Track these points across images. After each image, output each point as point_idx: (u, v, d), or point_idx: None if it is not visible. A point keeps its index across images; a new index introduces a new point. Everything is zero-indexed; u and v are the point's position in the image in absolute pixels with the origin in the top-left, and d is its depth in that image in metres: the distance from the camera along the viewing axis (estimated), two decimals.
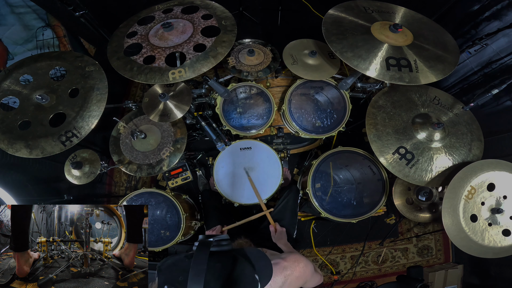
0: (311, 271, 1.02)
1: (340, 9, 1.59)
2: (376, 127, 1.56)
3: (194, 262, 0.67)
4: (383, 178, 1.72)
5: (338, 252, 2.49)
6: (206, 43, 1.49)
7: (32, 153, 1.41)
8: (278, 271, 0.93)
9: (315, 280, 1.10)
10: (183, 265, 0.74)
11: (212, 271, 0.70)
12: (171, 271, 0.75)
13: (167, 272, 0.75)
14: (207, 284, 0.66)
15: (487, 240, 1.37)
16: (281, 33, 2.90)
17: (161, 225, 1.78)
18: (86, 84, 1.49)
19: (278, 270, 0.93)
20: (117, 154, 1.78)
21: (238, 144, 1.83)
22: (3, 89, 1.50)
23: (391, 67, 1.38)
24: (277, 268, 0.93)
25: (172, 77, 1.43)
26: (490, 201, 1.40)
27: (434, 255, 2.54)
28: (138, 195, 1.77)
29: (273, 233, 1.45)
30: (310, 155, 2.36)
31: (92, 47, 2.42)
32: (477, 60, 2.05)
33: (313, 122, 1.83)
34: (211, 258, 0.71)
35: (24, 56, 1.63)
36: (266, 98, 1.84)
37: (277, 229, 1.45)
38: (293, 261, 0.98)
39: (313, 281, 1.09)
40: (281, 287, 0.92)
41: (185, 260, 0.76)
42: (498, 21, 1.86)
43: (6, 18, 1.95)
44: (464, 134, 1.56)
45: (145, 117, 1.81)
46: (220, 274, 0.71)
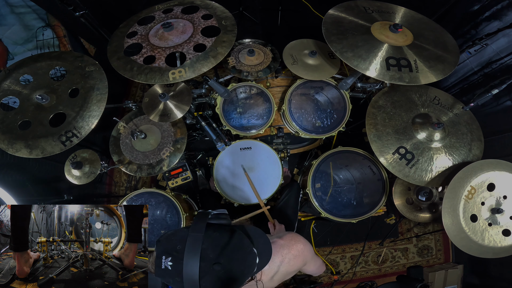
0: (310, 252, 1.00)
1: (340, 9, 1.59)
2: (376, 127, 1.56)
3: (192, 230, 0.68)
4: (383, 178, 1.72)
5: (338, 252, 2.49)
6: (206, 43, 1.50)
7: (32, 153, 1.41)
8: (275, 249, 0.92)
9: (316, 263, 1.08)
10: (181, 234, 0.73)
11: (210, 240, 0.70)
12: (169, 241, 0.74)
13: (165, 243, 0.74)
14: (204, 252, 0.66)
15: (487, 240, 1.38)
16: (281, 33, 2.90)
17: (161, 225, 1.78)
18: (86, 84, 1.49)
19: (275, 249, 0.92)
20: (117, 154, 1.78)
21: (238, 144, 1.83)
22: (3, 89, 1.50)
23: (391, 67, 1.38)
24: (274, 247, 0.92)
25: (172, 77, 1.43)
26: (490, 201, 1.40)
27: (434, 255, 2.54)
28: (138, 195, 1.77)
29: (272, 230, 1.45)
30: (310, 155, 2.36)
31: (92, 47, 2.42)
32: (477, 60, 2.05)
33: (313, 122, 1.83)
34: (209, 228, 0.71)
35: (24, 56, 1.63)
36: (266, 98, 1.84)
37: (276, 226, 1.45)
38: (290, 239, 0.97)
39: (314, 263, 1.06)
40: (279, 266, 0.92)
41: (184, 230, 0.74)
42: (498, 21, 1.86)
43: (6, 18, 1.94)
44: (464, 134, 1.56)
45: (145, 117, 1.81)
46: (218, 242, 0.71)
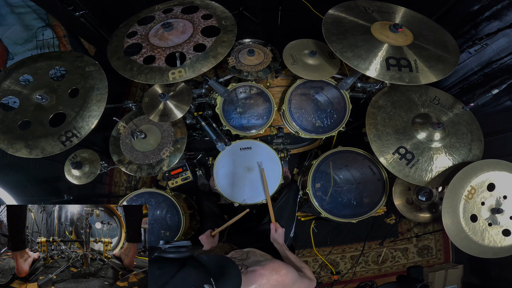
0: (292, 278, 0.99)
1: (340, 9, 1.58)
2: (376, 127, 1.56)
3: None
4: (383, 178, 1.72)
5: (338, 252, 2.49)
6: (206, 43, 1.49)
7: (32, 153, 1.41)
8: (253, 278, 0.91)
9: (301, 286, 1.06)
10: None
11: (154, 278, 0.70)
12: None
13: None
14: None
15: (487, 240, 1.37)
16: (281, 33, 2.90)
17: (161, 225, 1.78)
18: (86, 84, 1.49)
19: (253, 278, 0.92)
20: (117, 154, 1.78)
21: (238, 144, 1.83)
22: (3, 89, 1.50)
23: (391, 67, 1.38)
24: (252, 276, 0.92)
25: (172, 77, 1.43)
26: (490, 201, 1.40)
27: (434, 255, 2.54)
28: (138, 195, 1.77)
29: (273, 231, 1.46)
30: (310, 155, 2.36)
31: (92, 47, 2.42)
32: (477, 60, 2.05)
33: (313, 122, 1.83)
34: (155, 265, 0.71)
35: (24, 56, 1.62)
36: (266, 98, 1.84)
37: (278, 229, 1.46)
38: (271, 269, 0.95)
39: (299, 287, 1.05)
40: None
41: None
42: (498, 21, 1.86)
43: (6, 18, 1.94)
44: (464, 134, 1.56)
45: (145, 117, 1.81)
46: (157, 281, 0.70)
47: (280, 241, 1.41)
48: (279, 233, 1.44)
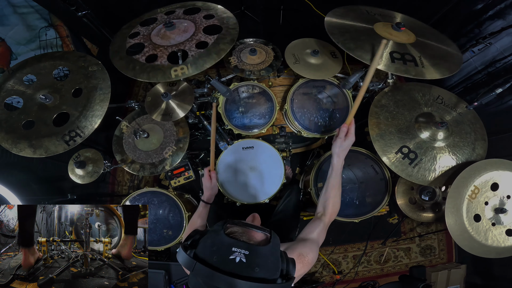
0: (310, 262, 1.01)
1: (342, 11, 1.58)
2: (379, 126, 1.55)
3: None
4: (385, 178, 1.72)
5: (340, 251, 2.49)
6: (208, 40, 1.49)
7: (35, 153, 1.42)
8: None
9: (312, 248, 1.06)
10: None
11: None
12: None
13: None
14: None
15: (490, 240, 1.37)
16: (283, 32, 2.90)
17: (164, 224, 1.79)
18: (89, 84, 1.50)
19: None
20: (120, 154, 1.79)
21: (240, 144, 1.83)
22: (7, 89, 1.51)
23: (396, 60, 1.36)
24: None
25: (175, 74, 1.42)
26: (493, 201, 1.39)
27: (437, 255, 2.53)
28: (141, 194, 1.78)
29: (342, 134, 1.25)
30: (312, 155, 2.36)
31: (95, 47, 2.42)
32: (480, 59, 2.04)
33: (316, 122, 1.83)
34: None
35: (27, 56, 1.63)
36: (268, 97, 1.84)
37: (350, 131, 1.24)
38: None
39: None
40: None
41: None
42: (501, 20, 1.85)
43: (9, 18, 1.95)
44: (467, 133, 1.55)
45: (148, 117, 1.81)
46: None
47: (343, 153, 1.23)
48: (350, 141, 1.23)
